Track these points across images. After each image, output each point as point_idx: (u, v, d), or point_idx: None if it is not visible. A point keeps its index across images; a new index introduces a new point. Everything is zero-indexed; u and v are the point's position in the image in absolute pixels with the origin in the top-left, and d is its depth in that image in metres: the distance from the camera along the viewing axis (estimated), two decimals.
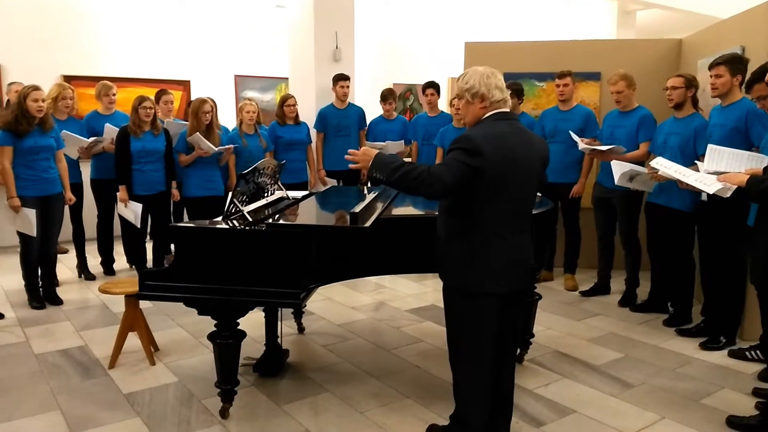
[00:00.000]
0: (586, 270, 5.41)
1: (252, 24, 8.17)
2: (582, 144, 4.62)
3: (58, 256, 5.03)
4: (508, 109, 2.38)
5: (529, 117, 5.32)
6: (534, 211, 2.53)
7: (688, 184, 3.45)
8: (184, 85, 7.64)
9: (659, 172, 3.77)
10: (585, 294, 5.02)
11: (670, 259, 4.31)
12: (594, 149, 4.54)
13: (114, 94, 5.50)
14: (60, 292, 4.84)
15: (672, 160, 3.80)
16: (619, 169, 4.19)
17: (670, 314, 4.39)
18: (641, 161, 4.41)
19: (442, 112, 5.96)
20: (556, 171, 4.85)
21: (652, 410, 3.09)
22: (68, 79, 6.57)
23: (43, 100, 4.39)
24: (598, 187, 4.85)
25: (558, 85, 4.99)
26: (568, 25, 10.09)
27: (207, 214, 4.20)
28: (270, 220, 2.95)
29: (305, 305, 4.25)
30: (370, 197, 3.18)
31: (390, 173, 2.26)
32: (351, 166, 2.44)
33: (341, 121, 5.96)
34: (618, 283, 4.98)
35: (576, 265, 5.28)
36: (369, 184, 6.06)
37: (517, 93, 4.99)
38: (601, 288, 5.03)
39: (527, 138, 2.39)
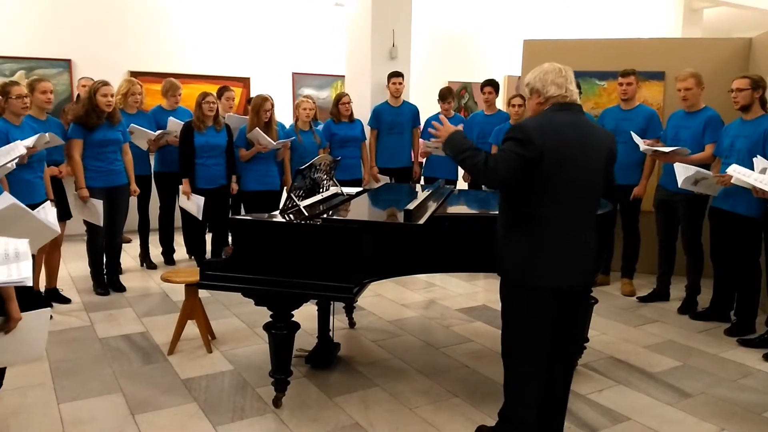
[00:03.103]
0: (645, 275, 5.26)
1: (310, 22, 8.30)
2: (644, 145, 4.49)
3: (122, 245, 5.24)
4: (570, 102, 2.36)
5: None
6: None
7: (765, 192, 3.29)
8: (244, 82, 7.82)
9: (733, 180, 3.60)
10: (643, 300, 4.89)
11: (734, 266, 4.14)
12: (656, 150, 4.41)
13: (179, 94, 5.71)
14: (123, 279, 5.03)
15: (739, 164, 3.65)
16: (683, 172, 4.04)
17: (732, 323, 4.22)
18: (706, 164, 4.25)
19: (499, 110, 5.90)
20: (616, 172, 4.63)
21: (710, 421, 2.99)
22: (135, 74, 6.83)
23: (112, 95, 4.56)
24: (660, 189, 4.71)
25: (621, 84, 4.86)
26: (631, 22, 9.80)
27: (263, 208, 4.30)
28: (325, 215, 3.00)
29: (357, 300, 4.29)
30: (423, 195, 3.18)
31: (457, 153, 2.38)
32: (432, 140, 2.53)
33: (395, 119, 5.97)
34: (678, 290, 4.82)
35: (634, 270, 5.13)
36: (422, 182, 6.07)
37: None
38: (660, 294, 4.89)
39: (589, 129, 2.37)
